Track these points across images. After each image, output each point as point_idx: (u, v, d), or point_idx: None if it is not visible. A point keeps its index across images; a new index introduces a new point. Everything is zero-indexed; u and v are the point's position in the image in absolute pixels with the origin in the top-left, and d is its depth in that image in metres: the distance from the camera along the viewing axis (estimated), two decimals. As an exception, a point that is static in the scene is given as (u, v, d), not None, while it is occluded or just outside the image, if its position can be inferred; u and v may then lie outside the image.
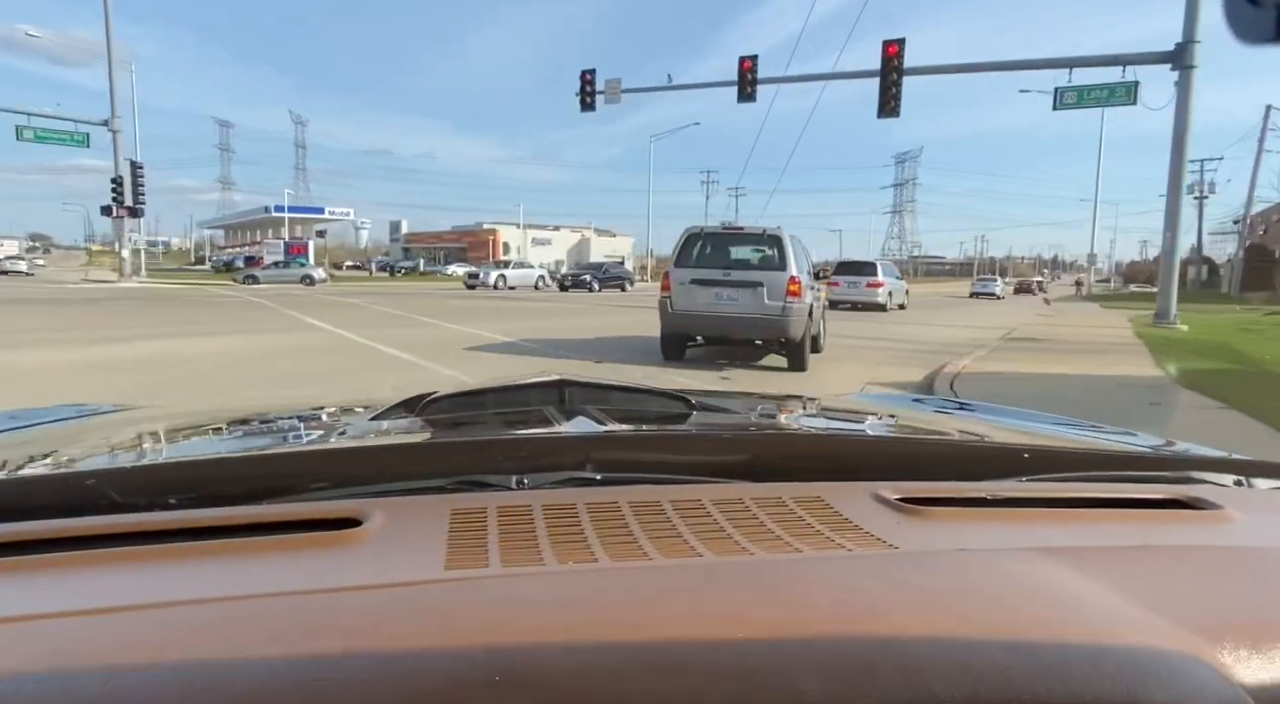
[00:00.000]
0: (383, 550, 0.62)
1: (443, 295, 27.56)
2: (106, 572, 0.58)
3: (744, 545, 0.63)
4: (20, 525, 0.65)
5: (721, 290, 8.81)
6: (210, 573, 0.58)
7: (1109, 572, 0.59)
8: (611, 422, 1.07)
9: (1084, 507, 0.78)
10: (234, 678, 0.43)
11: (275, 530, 0.65)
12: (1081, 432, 1.31)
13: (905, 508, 0.73)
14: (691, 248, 9.20)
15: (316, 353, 9.61)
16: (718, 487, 0.79)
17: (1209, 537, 0.72)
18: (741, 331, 8.87)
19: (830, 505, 0.73)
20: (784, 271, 8.68)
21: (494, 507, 0.70)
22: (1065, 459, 0.96)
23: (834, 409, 1.66)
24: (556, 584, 0.55)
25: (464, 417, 1.17)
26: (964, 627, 0.49)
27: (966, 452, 1.03)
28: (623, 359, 9.40)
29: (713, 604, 0.51)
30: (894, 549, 0.63)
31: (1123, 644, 0.48)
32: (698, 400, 1.20)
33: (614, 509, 0.70)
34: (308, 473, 0.79)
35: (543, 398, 1.18)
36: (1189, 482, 0.92)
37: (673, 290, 8.99)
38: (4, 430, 1.19)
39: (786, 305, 8.57)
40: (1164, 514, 0.78)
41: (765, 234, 9.14)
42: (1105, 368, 8.94)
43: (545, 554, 0.60)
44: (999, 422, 1.40)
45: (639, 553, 0.61)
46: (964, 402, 1.75)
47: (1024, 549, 0.64)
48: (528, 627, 0.48)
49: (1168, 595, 0.55)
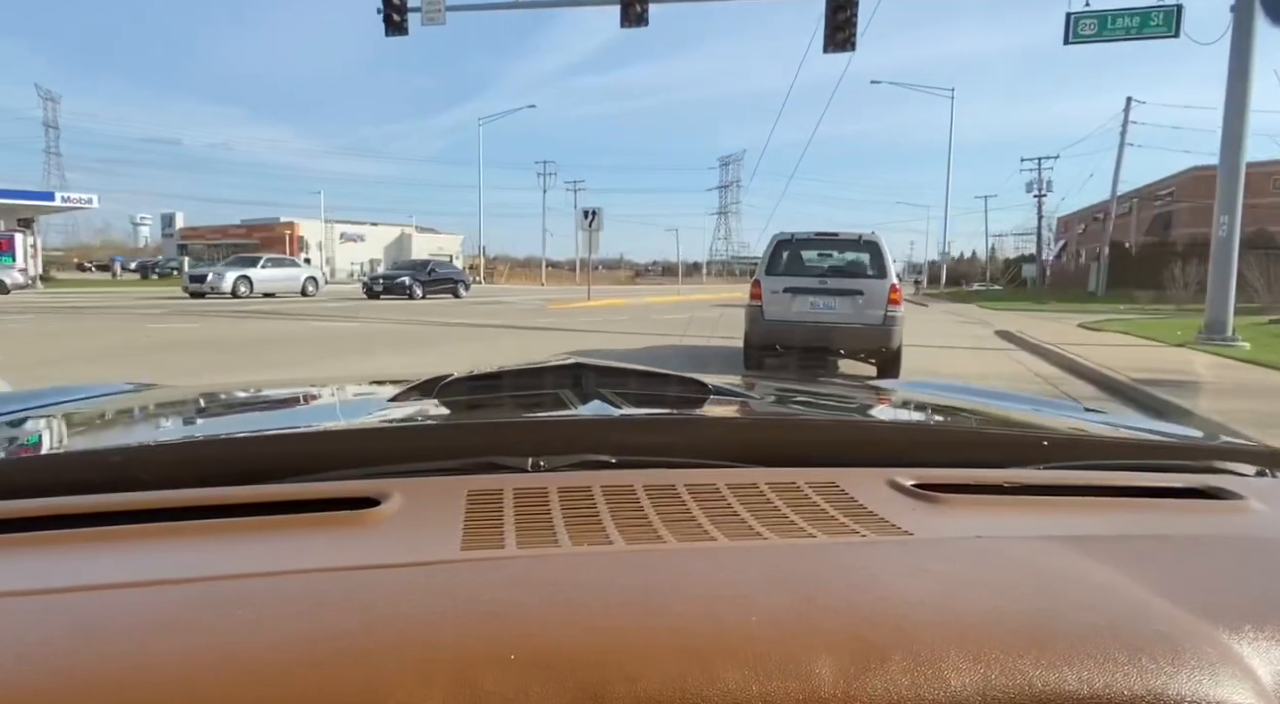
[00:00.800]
0: (400, 530, 0.62)
1: (132, 313, 16.91)
2: (129, 547, 0.59)
3: (758, 530, 0.63)
4: (47, 501, 0.66)
5: (818, 298, 8.40)
6: (230, 550, 0.59)
7: (1127, 561, 0.58)
8: (627, 405, 1.07)
9: (1103, 495, 0.78)
10: (254, 653, 0.44)
11: (294, 509, 0.65)
12: (1103, 420, 1.29)
13: (921, 494, 0.73)
14: (782, 254, 8.82)
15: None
16: (732, 471, 0.79)
17: (1230, 527, 0.71)
18: (840, 341, 8.49)
19: (845, 491, 0.73)
20: (885, 279, 8.35)
21: (510, 488, 0.71)
22: (1085, 447, 0.95)
23: (850, 395, 1.65)
24: (571, 565, 0.56)
25: (481, 399, 1.17)
26: (978, 614, 0.49)
27: (984, 439, 1.03)
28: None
29: (726, 588, 0.52)
30: (909, 536, 0.63)
31: (1139, 634, 0.47)
32: (713, 385, 1.20)
33: (629, 492, 0.71)
34: (327, 453, 0.80)
35: (559, 381, 1.18)
36: (1210, 471, 0.91)
37: (765, 298, 8.53)
38: (30, 408, 1.21)
39: (888, 313, 8.21)
40: (1184, 504, 0.77)
41: (861, 239, 8.75)
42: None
43: (560, 536, 0.60)
44: (1018, 409, 1.39)
45: (653, 536, 0.61)
46: (982, 389, 1.73)
47: (1041, 538, 0.63)
48: (542, 607, 0.48)
49: (1186, 585, 0.55)
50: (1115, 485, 0.80)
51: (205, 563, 0.56)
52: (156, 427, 1.27)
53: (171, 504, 0.66)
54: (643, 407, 1.10)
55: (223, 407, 1.43)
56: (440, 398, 1.12)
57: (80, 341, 11.27)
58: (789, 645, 0.45)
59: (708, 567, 0.56)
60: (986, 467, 0.85)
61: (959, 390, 1.63)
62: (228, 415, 1.40)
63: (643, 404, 1.12)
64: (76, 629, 0.46)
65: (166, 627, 0.46)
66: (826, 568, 0.56)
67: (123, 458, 0.74)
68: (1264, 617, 0.51)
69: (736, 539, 0.61)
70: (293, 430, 1.03)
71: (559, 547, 0.58)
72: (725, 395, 1.21)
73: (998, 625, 0.47)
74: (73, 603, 0.50)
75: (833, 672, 0.43)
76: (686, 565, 0.56)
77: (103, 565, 0.56)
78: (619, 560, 0.57)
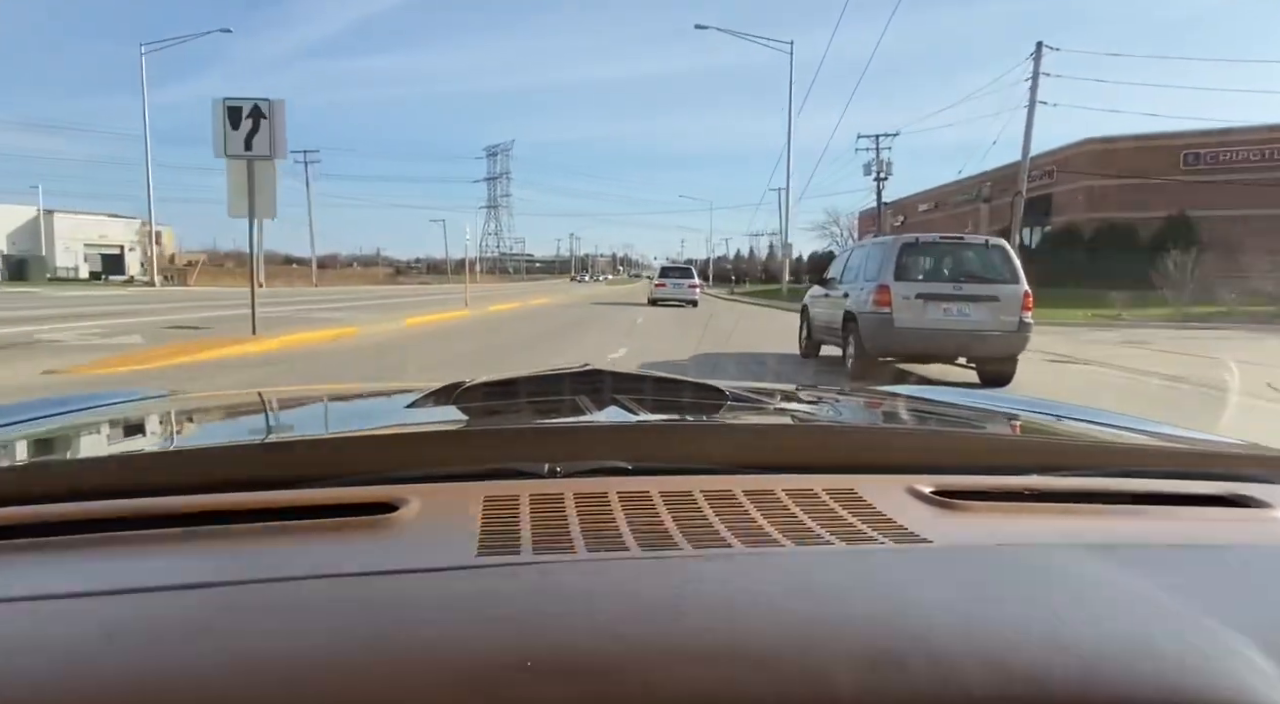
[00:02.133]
0: (417, 536, 0.62)
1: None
2: (150, 552, 0.60)
3: (775, 537, 0.62)
4: (68, 506, 0.67)
5: (953, 304, 8.23)
6: (248, 556, 0.59)
7: (1150, 569, 0.57)
8: (644, 411, 1.07)
9: (1126, 502, 0.77)
10: (271, 658, 0.44)
11: (312, 515, 0.66)
12: (1125, 426, 1.28)
13: (941, 501, 0.72)
14: (910, 258, 8.60)
15: None
16: (750, 478, 0.79)
17: (1255, 535, 0.70)
18: (974, 348, 8.36)
19: (864, 498, 0.73)
20: (1018, 284, 8.27)
21: (526, 494, 0.71)
22: (1107, 454, 0.94)
23: (869, 401, 1.64)
24: (587, 572, 0.55)
25: (498, 405, 1.18)
26: (999, 623, 0.48)
27: (1004, 445, 1.02)
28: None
29: (743, 595, 0.51)
30: (928, 543, 0.62)
31: (1162, 643, 0.47)
32: (730, 391, 1.20)
33: (645, 499, 0.70)
34: (345, 459, 0.81)
35: (575, 387, 1.18)
36: (1235, 478, 0.89)
37: (895, 305, 8.26)
38: (49, 415, 1.23)
39: (1023, 319, 8.13)
40: (1208, 512, 0.76)
41: (989, 244, 8.71)
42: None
43: (576, 542, 0.60)
44: (1039, 416, 1.37)
45: (670, 543, 0.61)
46: (1000, 396, 1.72)
47: (1062, 545, 0.63)
48: (558, 614, 0.48)
49: (1210, 594, 0.54)
50: (1138, 492, 0.79)
51: (223, 568, 0.56)
52: (174, 433, 1.29)
53: (189, 509, 0.67)
54: (659, 413, 1.10)
55: (239, 414, 1.44)
56: (457, 404, 1.12)
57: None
58: (808, 654, 0.44)
59: (725, 574, 0.55)
60: (1007, 473, 0.84)
61: (978, 396, 1.62)
62: (245, 422, 1.41)
63: (659, 410, 1.12)
64: (98, 633, 0.46)
65: (186, 632, 0.47)
66: (845, 576, 0.56)
67: (141, 463, 0.74)
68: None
69: (754, 547, 0.60)
70: (310, 437, 1.03)
71: (575, 553, 0.58)
72: (742, 402, 1.20)
73: (1019, 634, 0.47)
74: (95, 607, 0.50)
75: (852, 680, 0.43)
76: (703, 573, 0.56)
77: (122, 570, 0.57)
78: (636, 567, 0.57)
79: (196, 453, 0.89)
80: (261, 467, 0.79)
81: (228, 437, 1.20)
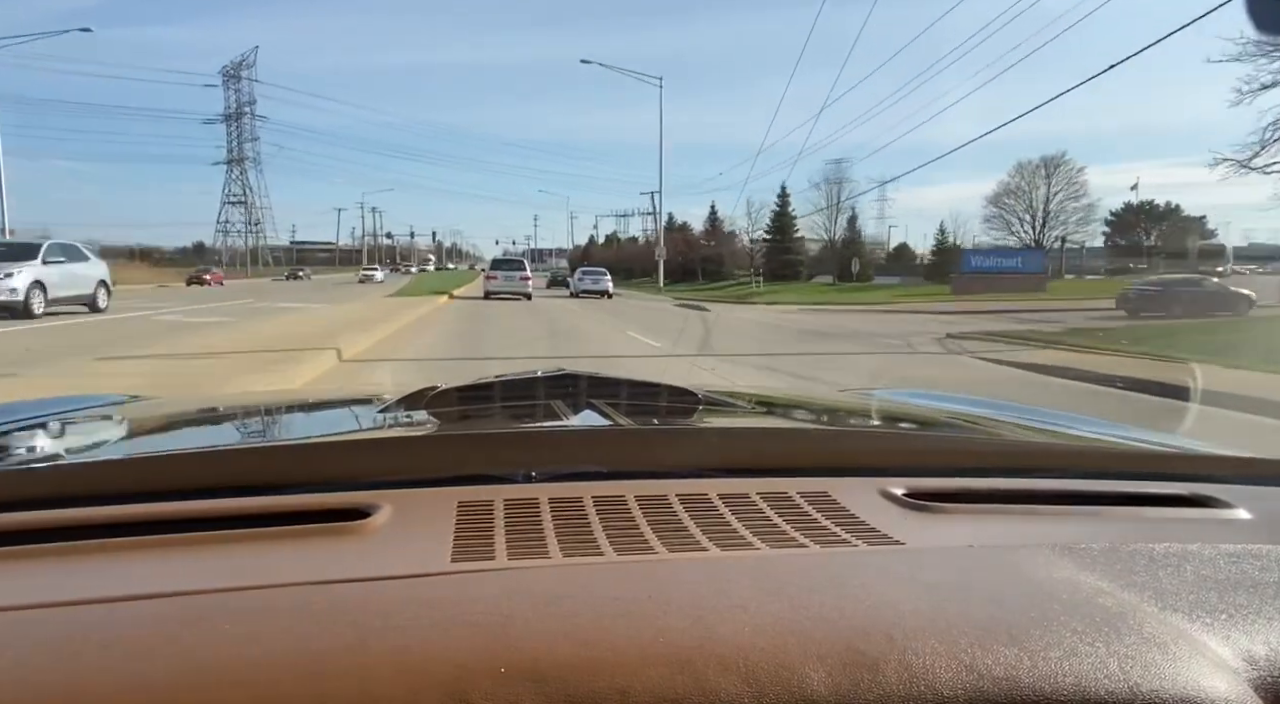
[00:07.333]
0: (390, 542, 0.62)
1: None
2: (116, 560, 0.59)
3: (749, 540, 0.63)
4: (30, 514, 0.66)
5: None
6: (219, 563, 0.58)
7: (1117, 568, 0.58)
8: (618, 415, 1.07)
9: (1092, 503, 0.78)
10: (243, 668, 0.43)
11: (284, 521, 0.65)
12: (1094, 429, 1.30)
13: (913, 503, 0.73)
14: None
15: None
16: (724, 481, 0.79)
17: (1220, 534, 0.71)
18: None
19: (837, 501, 0.73)
20: None
21: (501, 499, 0.70)
22: (1074, 456, 0.96)
23: (843, 404, 1.65)
24: (562, 577, 0.55)
25: (471, 410, 1.17)
26: (970, 624, 0.49)
27: (976, 448, 1.03)
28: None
29: (718, 598, 0.51)
30: (900, 545, 0.63)
31: (1130, 642, 0.47)
32: (704, 395, 1.20)
33: (620, 503, 0.70)
34: (317, 465, 0.80)
35: (550, 391, 1.18)
36: (1198, 479, 0.91)
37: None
38: (19, 420, 1.20)
39: None
40: (1175, 512, 0.77)
41: None
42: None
43: (551, 547, 0.60)
44: (1011, 418, 1.39)
45: (645, 547, 0.61)
46: (975, 399, 1.74)
47: (1032, 546, 0.63)
48: (533, 619, 0.48)
49: (1176, 591, 0.55)
50: (1104, 493, 0.81)
51: (192, 576, 0.55)
52: (145, 438, 1.26)
53: (158, 516, 0.66)
54: (634, 417, 1.10)
55: (212, 419, 1.42)
56: (430, 409, 1.11)
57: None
58: (781, 656, 0.45)
59: (699, 577, 0.55)
60: (977, 475, 0.85)
61: (949, 400, 1.63)
62: (217, 427, 1.39)
63: (634, 414, 1.12)
64: (56, 646, 0.45)
65: (151, 642, 0.46)
66: (818, 578, 0.56)
67: (104, 470, 0.73)
68: (1253, 624, 0.51)
69: (728, 549, 0.61)
70: (281, 442, 1.02)
71: (550, 558, 0.58)
72: (716, 405, 1.21)
73: (990, 634, 0.47)
74: (53, 618, 0.49)
75: (825, 682, 0.43)
76: (678, 576, 0.56)
77: (86, 580, 0.55)
78: (610, 571, 0.57)
79: (162, 459, 0.87)
80: (231, 472, 0.78)
81: (197, 442, 1.18)
